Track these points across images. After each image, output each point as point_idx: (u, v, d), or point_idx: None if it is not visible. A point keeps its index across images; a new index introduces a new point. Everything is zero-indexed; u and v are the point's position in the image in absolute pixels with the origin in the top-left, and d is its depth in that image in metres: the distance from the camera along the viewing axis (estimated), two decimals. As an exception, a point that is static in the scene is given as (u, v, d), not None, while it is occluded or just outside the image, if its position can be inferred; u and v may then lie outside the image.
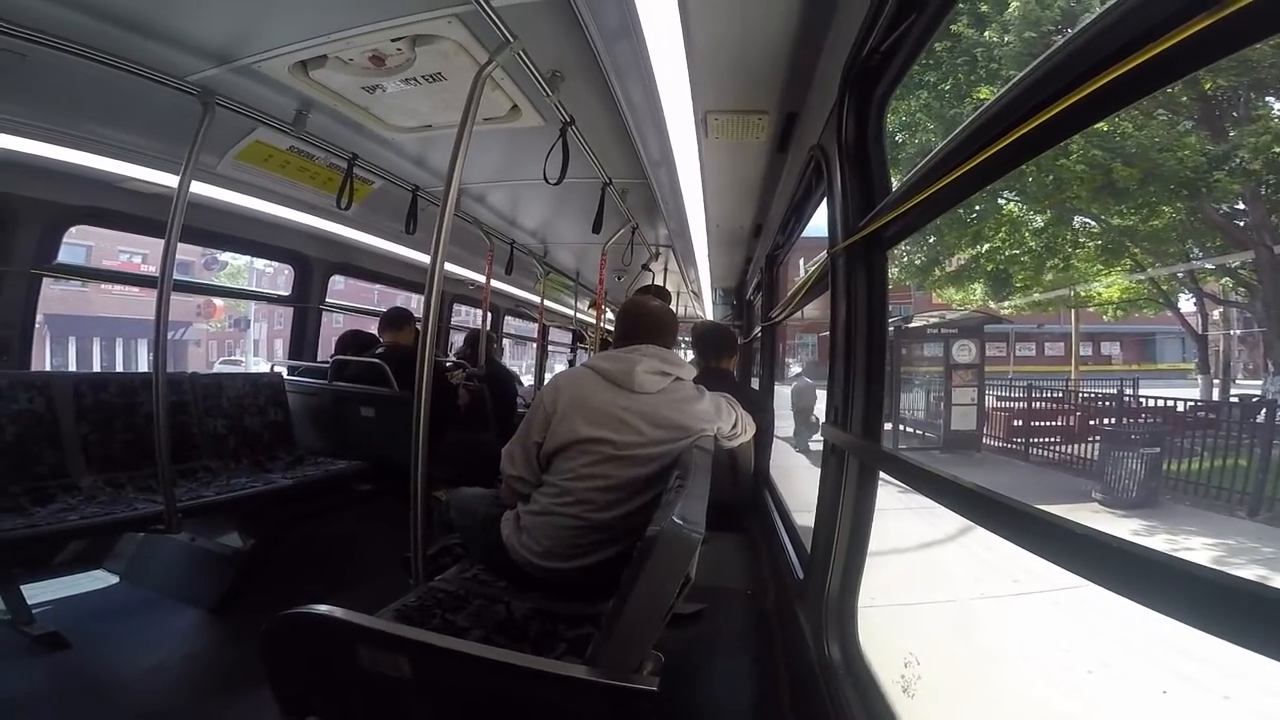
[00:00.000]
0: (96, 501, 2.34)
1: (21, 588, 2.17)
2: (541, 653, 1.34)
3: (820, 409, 9.34)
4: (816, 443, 8.93)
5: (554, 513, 1.61)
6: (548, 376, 5.21)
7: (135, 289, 16.67)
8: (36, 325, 2.67)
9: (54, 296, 14.66)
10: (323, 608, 1.08)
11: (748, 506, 3.38)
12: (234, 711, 1.78)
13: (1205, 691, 2.80)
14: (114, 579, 2.64)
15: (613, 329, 2.03)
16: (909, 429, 10.10)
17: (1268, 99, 6.13)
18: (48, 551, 2.57)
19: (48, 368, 10.92)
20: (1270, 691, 2.62)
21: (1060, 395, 9.65)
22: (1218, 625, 0.49)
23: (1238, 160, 5.87)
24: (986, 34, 7.39)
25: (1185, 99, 6.32)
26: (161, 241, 2.20)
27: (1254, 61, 5.59)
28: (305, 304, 3.98)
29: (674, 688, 1.68)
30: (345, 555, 2.78)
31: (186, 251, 3.85)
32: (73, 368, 16.01)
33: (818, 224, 2.51)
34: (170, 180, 2.27)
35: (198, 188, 2.47)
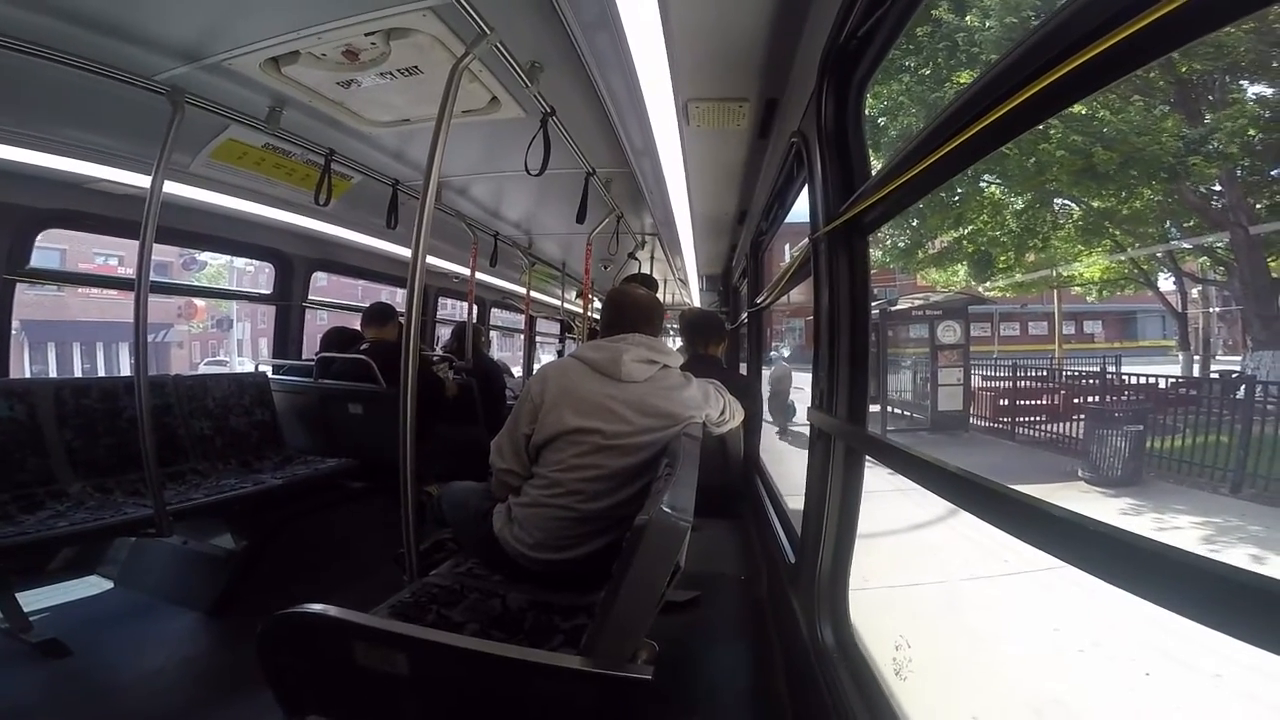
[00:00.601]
0: (85, 507, 2.32)
1: (17, 596, 2.16)
2: (538, 644, 1.35)
3: (795, 395, 9.44)
4: (796, 426, 9.03)
5: (545, 504, 1.61)
6: (536, 367, 5.21)
7: (114, 292, 16.39)
8: (13, 332, 2.63)
9: (29, 302, 14.41)
10: (317, 606, 1.08)
11: (739, 492, 3.41)
12: (235, 712, 1.77)
13: (1197, 672, 2.83)
14: (108, 584, 2.62)
15: (599, 318, 2.03)
16: (897, 410, 10.18)
17: (1242, 83, 6.20)
18: (40, 559, 2.55)
19: (27, 375, 10.74)
20: (1259, 670, 2.64)
21: (1045, 374, 9.74)
22: (1200, 611, 0.47)
23: (1214, 144, 5.94)
24: (968, 19, 7.41)
25: (1162, 84, 6.39)
26: (137, 243, 2.16)
27: (1229, 46, 5.65)
28: (288, 302, 3.94)
29: (670, 675, 1.70)
30: (338, 553, 2.77)
31: (164, 252, 3.78)
32: (53, 374, 15.74)
33: (801, 209, 2.52)
34: (143, 181, 2.23)
35: (172, 187, 2.42)
